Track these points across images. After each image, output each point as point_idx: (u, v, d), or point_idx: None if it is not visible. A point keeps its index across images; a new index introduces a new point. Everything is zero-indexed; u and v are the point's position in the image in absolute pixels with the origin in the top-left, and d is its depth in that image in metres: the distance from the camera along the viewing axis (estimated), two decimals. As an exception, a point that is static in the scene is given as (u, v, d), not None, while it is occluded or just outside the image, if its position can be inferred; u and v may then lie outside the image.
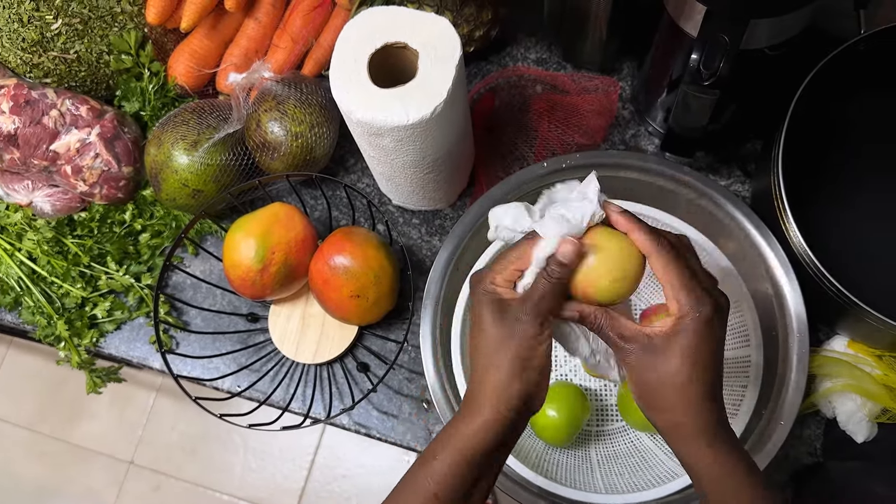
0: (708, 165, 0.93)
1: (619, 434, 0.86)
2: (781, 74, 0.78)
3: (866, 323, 0.73)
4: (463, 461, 0.52)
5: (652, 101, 0.91)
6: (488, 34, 0.95)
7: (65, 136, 0.92)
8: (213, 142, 0.89)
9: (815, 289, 0.75)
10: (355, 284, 0.82)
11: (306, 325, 0.91)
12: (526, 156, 0.94)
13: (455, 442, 0.52)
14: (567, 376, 0.89)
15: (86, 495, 1.94)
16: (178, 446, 1.95)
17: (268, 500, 1.88)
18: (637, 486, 0.77)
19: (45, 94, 0.92)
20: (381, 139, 0.74)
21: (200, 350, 0.95)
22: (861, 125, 0.83)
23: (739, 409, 0.76)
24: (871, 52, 0.77)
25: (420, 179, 0.84)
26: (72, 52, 0.94)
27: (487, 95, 0.98)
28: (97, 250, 0.97)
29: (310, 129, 0.89)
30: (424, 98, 0.71)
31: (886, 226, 0.80)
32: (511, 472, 0.76)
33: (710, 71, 0.67)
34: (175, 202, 0.92)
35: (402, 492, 0.53)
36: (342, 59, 0.74)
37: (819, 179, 0.82)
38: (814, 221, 0.76)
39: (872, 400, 0.79)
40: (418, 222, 0.96)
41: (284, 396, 0.91)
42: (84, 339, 0.96)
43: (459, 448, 0.52)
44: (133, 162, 0.96)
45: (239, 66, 0.98)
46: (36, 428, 2.01)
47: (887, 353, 0.81)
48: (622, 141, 0.96)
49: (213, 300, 0.97)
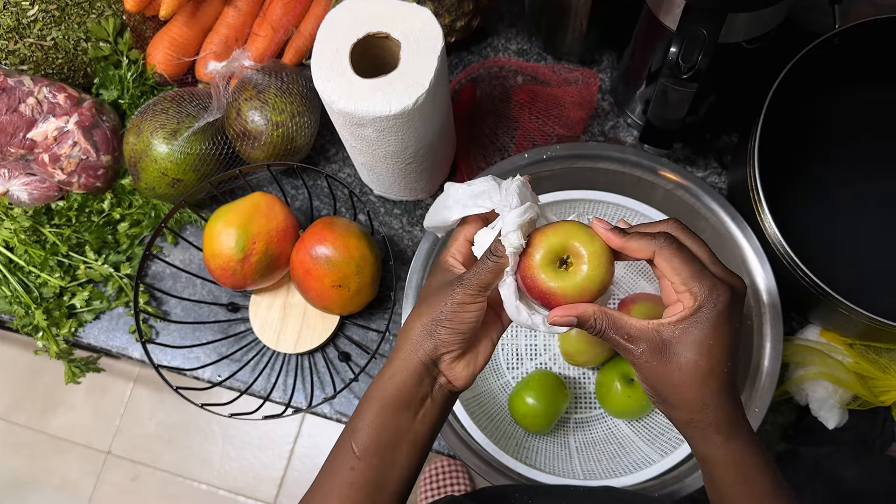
0: (685, 157, 0.94)
1: (597, 421, 0.87)
2: (758, 68, 0.80)
3: (838, 312, 0.74)
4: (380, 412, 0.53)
5: (631, 93, 0.92)
6: (469, 25, 0.95)
7: (42, 125, 0.91)
8: (192, 131, 0.88)
9: (789, 278, 0.76)
10: (337, 274, 0.82)
11: (287, 315, 0.91)
12: (507, 146, 0.95)
13: (372, 393, 0.54)
14: (546, 364, 0.90)
15: (63, 486, 1.93)
16: (156, 436, 1.94)
17: (247, 490, 1.88)
18: (615, 472, 0.78)
19: (21, 82, 0.91)
20: (363, 129, 0.74)
21: (180, 340, 0.95)
22: (835, 118, 0.85)
23: (715, 397, 0.77)
24: (846, 46, 0.79)
25: (402, 170, 0.84)
26: (48, 39, 0.93)
27: (469, 86, 0.98)
28: (75, 240, 0.96)
29: (290, 118, 0.89)
30: (406, 88, 0.71)
31: (859, 217, 0.82)
32: (490, 458, 0.77)
33: (688, 64, 0.68)
34: (154, 191, 0.91)
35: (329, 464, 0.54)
36: (324, 48, 0.74)
37: (794, 171, 0.83)
38: (788, 212, 0.78)
39: (844, 387, 0.80)
40: (399, 212, 0.96)
41: (266, 386, 0.91)
42: (62, 328, 0.95)
43: (376, 398, 0.53)
44: (111, 151, 0.95)
45: (219, 55, 0.98)
46: (11, 418, 1.99)
47: (858, 342, 0.83)
48: (601, 132, 0.97)
49: (193, 290, 0.96)
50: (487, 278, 0.52)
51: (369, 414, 0.53)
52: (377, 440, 0.53)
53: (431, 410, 0.54)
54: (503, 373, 0.90)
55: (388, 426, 0.53)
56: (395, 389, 0.53)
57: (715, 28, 0.68)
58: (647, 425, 0.84)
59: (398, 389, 0.53)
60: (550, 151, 0.85)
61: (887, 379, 0.80)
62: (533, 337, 0.91)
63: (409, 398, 0.53)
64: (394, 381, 0.53)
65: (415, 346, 0.53)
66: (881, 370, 0.81)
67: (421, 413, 0.54)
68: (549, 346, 0.91)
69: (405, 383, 0.53)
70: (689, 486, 0.74)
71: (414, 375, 0.53)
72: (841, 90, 0.85)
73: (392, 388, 0.53)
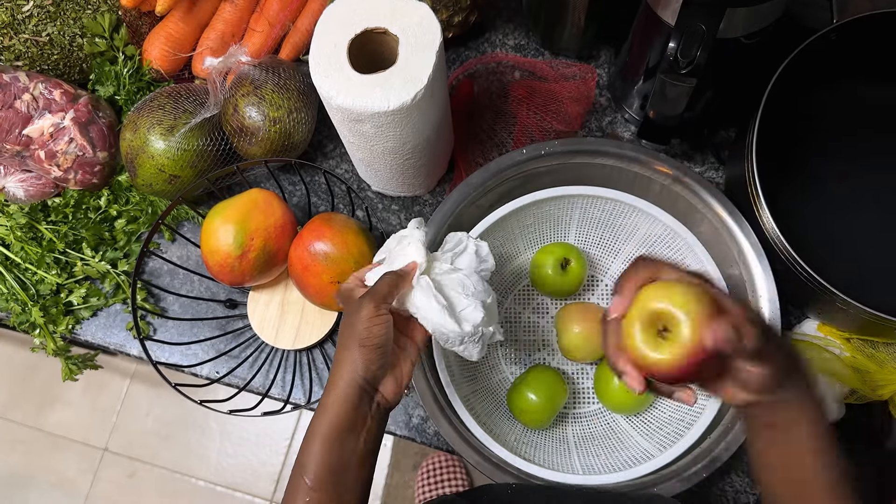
0: (683, 152, 0.94)
1: (596, 416, 0.87)
2: (756, 63, 0.80)
3: (835, 307, 0.75)
4: (324, 445, 0.57)
5: (629, 89, 0.92)
6: (467, 20, 0.95)
7: (38, 121, 0.90)
8: (189, 127, 0.88)
9: (787, 273, 0.76)
10: (335, 270, 0.82)
11: (286, 311, 0.91)
12: (505, 142, 0.95)
13: (313, 429, 0.58)
14: (545, 360, 0.90)
15: (60, 483, 1.93)
16: (153, 432, 1.94)
17: (245, 486, 1.88)
18: (613, 467, 0.79)
19: (16, 78, 0.90)
20: (361, 125, 0.74)
21: (178, 336, 0.95)
22: (833, 113, 0.85)
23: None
24: (844, 41, 0.79)
25: (400, 165, 0.84)
26: (44, 35, 0.93)
27: (466, 81, 0.98)
28: (72, 236, 0.96)
29: (288, 114, 0.88)
30: (405, 84, 0.71)
31: (857, 212, 0.82)
32: (489, 454, 0.78)
33: (687, 59, 0.68)
34: (151, 188, 0.91)
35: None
36: (322, 44, 0.74)
37: (791, 166, 0.83)
38: (786, 207, 0.78)
39: (841, 381, 0.81)
40: (397, 208, 0.96)
41: (264, 382, 0.91)
42: (60, 326, 0.95)
43: (318, 433, 0.58)
44: (108, 147, 0.95)
45: (215, 50, 0.98)
46: (8, 416, 1.99)
47: (855, 336, 0.83)
48: (599, 127, 0.97)
49: (191, 286, 0.96)
50: (385, 289, 0.61)
51: (315, 445, 0.58)
52: (328, 468, 0.57)
53: (372, 429, 0.60)
54: (501, 368, 0.90)
55: (335, 452, 0.57)
56: (335, 416, 0.58)
57: (713, 23, 0.68)
58: (645, 420, 0.84)
59: (338, 416, 0.58)
60: (548, 147, 0.85)
61: (884, 373, 0.81)
62: (531, 332, 0.91)
63: (353, 421, 0.58)
64: (335, 408, 0.58)
65: (348, 371, 0.59)
66: (878, 364, 0.81)
67: (364, 433, 0.59)
68: (547, 342, 0.91)
69: (346, 408, 0.58)
70: (688, 482, 0.74)
71: (353, 398, 0.58)
72: (838, 85, 0.85)
73: (334, 415, 0.58)
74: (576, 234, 0.92)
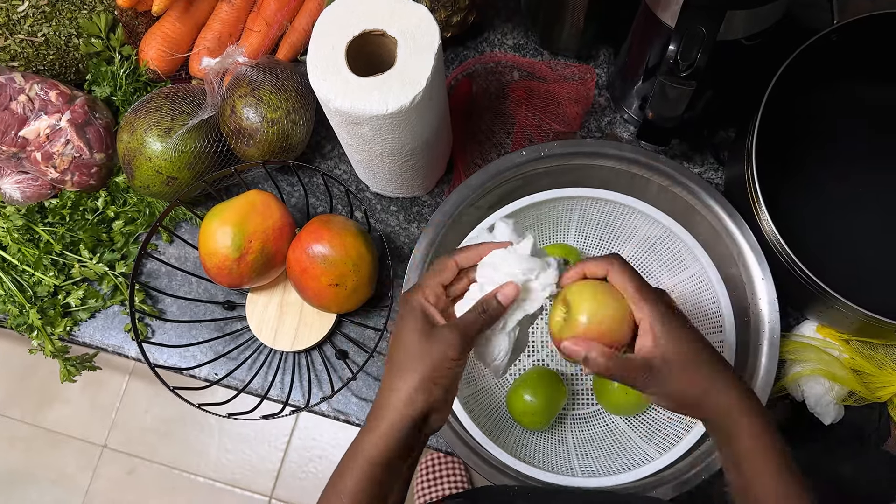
0: (682, 153, 0.94)
1: (595, 417, 0.87)
2: (757, 64, 0.79)
3: (834, 308, 0.75)
4: (370, 471, 0.54)
5: (628, 89, 0.92)
6: (465, 19, 0.95)
7: (34, 122, 0.90)
8: (187, 128, 0.87)
9: (786, 275, 0.76)
10: (334, 273, 0.82)
11: (284, 313, 0.91)
12: (503, 143, 0.94)
13: (362, 452, 0.55)
14: (544, 361, 0.90)
15: (59, 480, 1.93)
16: (152, 429, 1.94)
17: (244, 482, 1.88)
18: (613, 470, 0.79)
19: (12, 79, 0.90)
20: (360, 128, 0.74)
21: (177, 338, 0.94)
22: (833, 114, 0.84)
23: (712, 394, 0.77)
24: (844, 42, 0.79)
25: (398, 167, 0.84)
26: (39, 35, 0.92)
27: (465, 81, 0.97)
28: (69, 238, 0.96)
29: (286, 115, 0.88)
30: (403, 87, 0.71)
31: (856, 213, 0.82)
32: (489, 457, 0.77)
33: (687, 62, 0.68)
34: (149, 189, 0.90)
35: None
36: (319, 46, 0.73)
37: (791, 168, 0.83)
38: (785, 209, 0.78)
39: (840, 383, 0.81)
40: (396, 209, 0.96)
41: (263, 384, 0.91)
42: (57, 327, 0.94)
43: (367, 457, 0.54)
44: (105, 148, 0.94)
45: (212, 51, 0.97)
46: (7, 413, 1.98)
47: (854, 338, 0.83)
48: (598, 128, 0.96)
49: (189, 288, 0.96)
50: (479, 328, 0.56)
51: (360, 471, 0.54)
52: (370, 495, 0.54)
53: (416, 457, 0.57)
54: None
55: (378, 480, 0.54)
56: (385, 447, 0.54)
57: (714, 25, 0.67)
58: (644, 421, 0.84)
59: (388, 447, 0.54)
60: (547, 149, 0.85)
61: (883, 375, 0.81)
62: (531, 334, 0.91)
63: (401, 451, 0.55)
64: (385, 438, 0.54)
65: (406, 405, 0.54)
66: (877, 366, 0.81)
67: (409, 461, 0.56)
68: (546, 343, 0.91)
69: (397, 437, 0.54)
70: (688, 484, 0.74)
71: (407, 430, 0.54)
72: (838, 86, 0.84)
73: (384, 446, 0.54)
74: (575, 236, 0.92)
